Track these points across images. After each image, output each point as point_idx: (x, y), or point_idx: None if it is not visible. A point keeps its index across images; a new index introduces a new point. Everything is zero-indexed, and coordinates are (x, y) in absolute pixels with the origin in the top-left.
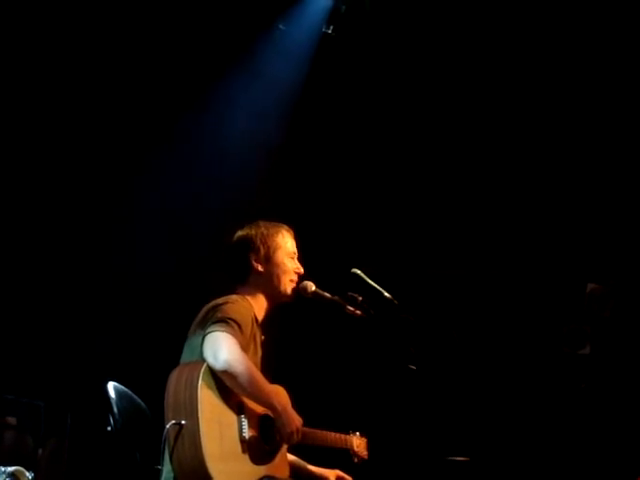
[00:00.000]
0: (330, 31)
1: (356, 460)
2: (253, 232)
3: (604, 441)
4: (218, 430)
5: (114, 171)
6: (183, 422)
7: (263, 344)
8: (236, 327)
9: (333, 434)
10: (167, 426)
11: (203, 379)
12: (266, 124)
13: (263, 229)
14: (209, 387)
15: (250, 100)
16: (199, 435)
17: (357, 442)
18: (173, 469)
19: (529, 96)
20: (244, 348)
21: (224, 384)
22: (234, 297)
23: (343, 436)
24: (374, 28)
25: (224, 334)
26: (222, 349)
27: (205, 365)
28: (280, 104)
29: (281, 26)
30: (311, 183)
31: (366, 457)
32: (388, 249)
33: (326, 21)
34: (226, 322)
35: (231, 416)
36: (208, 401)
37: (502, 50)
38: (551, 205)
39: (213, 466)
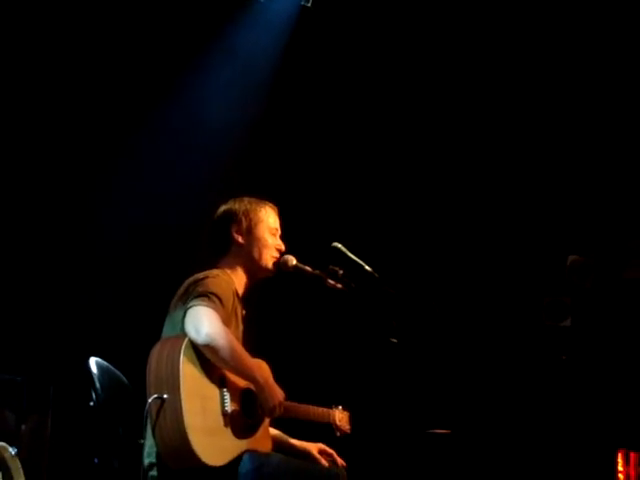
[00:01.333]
0: (309, 4)
1: (338, 434)
2: (236, 206)
3: (585, 413)
4: (200, 404)
5: (96, 144)
6: (165, 396)
7: (244, 319)
8: (217, 301)
9: (315, 408)
10: (149, 400)
11: (185, 353)
12: (245, 100)
13: (247, 203)
14: (191, 361)
15: (228, 76)
16: (181, 409)
17: (340, 416)
18: (156, 444)
19: (513, 85)
20: (225, 322)
21: (206, 358)
22: (215, 271)
23: (326, 410)
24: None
25: (205, 308)
26: (204, 323)
27: (187, 339)
28: (258, 79)
29: None
30: (291, 158)
31: (349, 431)
32: (369, 223)
33: None
34: (207, 296)
35: (213, 390)
36: (190, 375)
37: (494, 35)
38: (532, 177)
39: (195, 440)
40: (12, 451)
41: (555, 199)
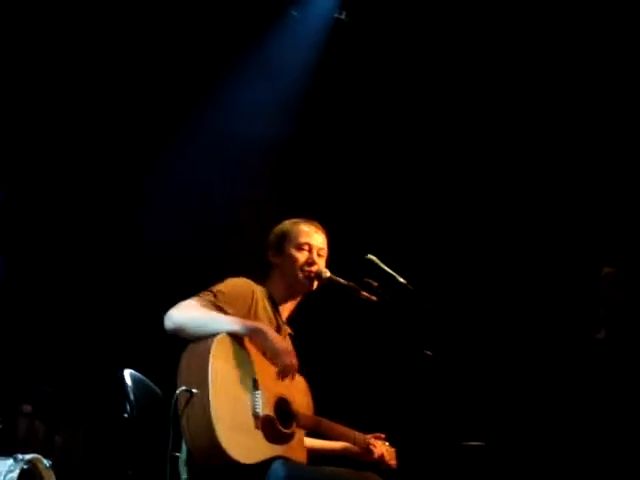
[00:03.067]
0: (343, 17)
1: (382, 467)
2: (275, 229)
3: (619, 425)
4: (229, 401)
5: (126, 163)
6: (194, 390)
7: (292, 338)
8: (206, 294)
9: (355, 432)
10: (177, 392)
11: (216, 350)
12: (278, 114)
13: (282, 224)
14: (222, 359)
15: (261, 90)
16: (209, 403)
17: (386, 449)
18: (183, 437)
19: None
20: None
21: (239, 359)
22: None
23: (365, 437)
24: (388, 13)
25: (185, 301)
26: (169, 312)
27: (218, 338)
28: (292, 93)
29: (294, 12)
30: (324, 172)
31: (395, 467)
32: (403, 235)
33: (339, 6)
34: (198, 294)
35: (244, 390)
36: (220, 372)
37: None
38: (568, 189)
39: (223, 434)
40: (47, 463)
41: (591, 211)
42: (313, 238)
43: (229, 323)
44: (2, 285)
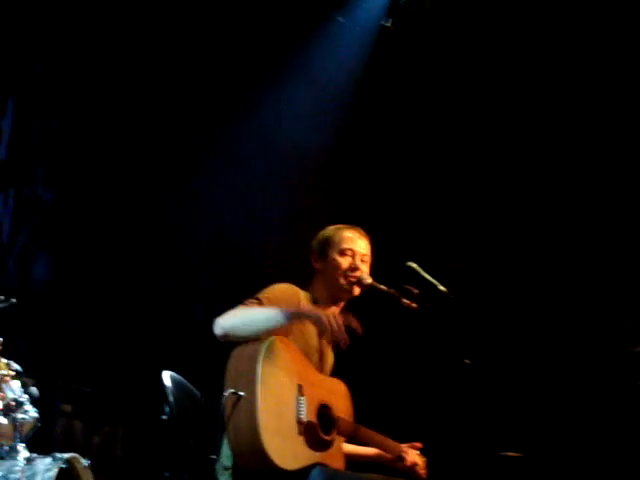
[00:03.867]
0: (389, 24)
1: (412, 477)
2: (318, 235)
3: None
4: (276, 406)
5: (172, 167)
6: (241, 394)
7: (334, 344)
8: (252, 301)
9: (390, 440)
10: (225, 394)
11: (265, 354)
12: (321, 121)
13: (325, 231)
14: (270, 363)
15: (305, 96)
16: (256, 407)
17: (418, 459)
18: (228, 440)
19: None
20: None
21: (286, 363)
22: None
23: (400, 446)
24: (434, 21)
25: (231, 310)
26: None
27: (267, 342)
28: (336, 100)
29: (340, 18)
30: (366, 178)
31: (425, 477)
32: (444, 244)
33: (385, 14)
34: (243, 302)
35: (290, 395)
36: (268, 376)
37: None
38: (612, 200)
39: (268, 439)
40: (85, 462)
41: (633, 222)
42: (356, 244)
43: (272, 315)
44: (46, 284)
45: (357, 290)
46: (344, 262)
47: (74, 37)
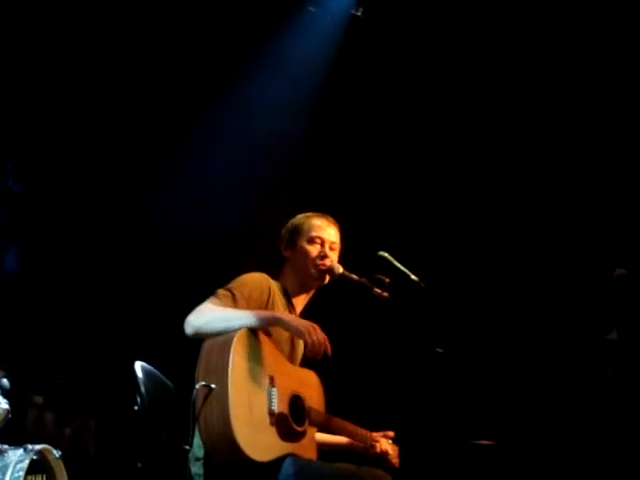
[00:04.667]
0: (360, 13)
1: (386, 466)
2: (288, 223)
3: (629, 426)
4: (247, 398)
5: (143, 157)
6: (213, 386)
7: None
8: (224, 293)
9: (362, 430)
10: (196, 387)
11: (236, 346)
12: (293, 110)
13: (295, 219)
14: (242, 355)
15: (277, 85)
16: (227, 399)
17: (391, 447)
18: (200, 432)
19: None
20: None
21: (257, 355)
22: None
23: (372, 435)
24: (404, 10)
25: (202, 304)
26: (188, 317)
27: (238, 334)
28: (307, 89)
29: (310, 8)
30: (338, 168)
31: (397, 465)
32: (415, 232)
33: (356, 3)
34: (214, 293)
35: (261, 387)
36: (239, 368)
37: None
38: (579, 188)
39: (240, 430)
40: (56, 454)
41: (604, 211)
42: (326, 232)
43: (247, 318)
44: (17, 276)
45: (326, 278)
46: (313, 250)
47: (45, 32)
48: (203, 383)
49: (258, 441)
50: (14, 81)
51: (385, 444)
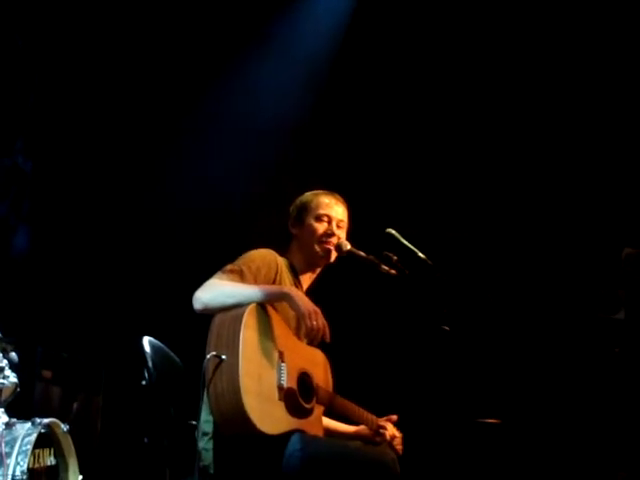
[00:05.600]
0: None
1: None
2: (296, 200)
3: (637, 407)
4: (257, 370)
5: (151, 138)
6: (223, 357)
7: None
8: (232, 269)
9: (368, 414)
10: (207, 357)
11: (248, 319)
12: (298, 90)
13: (303, 196)
14: (253, 328)
15: (282, 69)
16: (238, 369)
17: (394, 431)
18: (209, 402)
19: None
20: None
21: (268, 329)
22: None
23: (378, 420)
24: None
25: (210, 280)
26: (195, 294)
27: (250, 307)
28: (313, 72)
29: None
30: (344, 147)
31: (400, 452)
32: (423, 209)
33: None
34: (222, 269)
35: (271, 361)
36: (250, 341)
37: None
38: (587, 169)
39: (249, 401)
40: (64, 428)
41: (611, 191)
42: (333, 209)
43: (256, 292)
44: (26, 252)
45: (333, 256)
46: (320, 228)
47: (55, 11)
48: (214, 353)
49: (266, 413)
50: (24, 59)
51: (392, 429)
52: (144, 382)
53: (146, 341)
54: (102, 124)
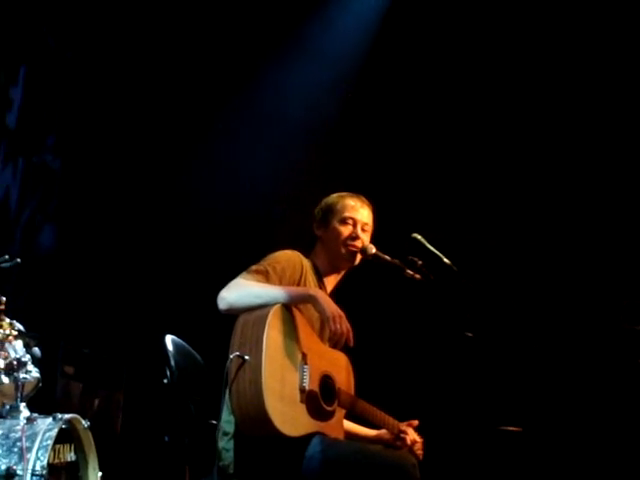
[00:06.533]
0: None
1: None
2: (322, 202)
3: None
4: (280, 372)
5: (179, 138)
6: (247, 357)
7: None
8: (257, 269)
9: (390, 418)
10: (230, 357)
11: (272, 319)
12: (326, 96)
13: (328, 198)
14: (277, 329)
15: (310, 71)
16: (261, 370)
17: (415, 436)
18: (231, 401)
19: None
20: None
21: (291, 330)
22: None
23: (399, 424)
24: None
25: (235, 280)
26: (221, 293)
27: (274, 308)
28: (341, 73)
29: None
30: (370, 151)
31: (421, 458)
32: (449, 215)
33: None
34: (247, 269)
35: (295, 363)
36: (274, 341)
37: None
38: (612, 178)
39: (271, 402)
40: (85, 424)
41: (634, 201)
42: (358, 212)
43: (281, 293)
44: (52, 249)
45: (357, 259)
46: (345, 230)
47: (86, 11)
48: (237, 354)
49: (288, 415)
50: (56, 59)
51: (413, 434)
52: (166, 380)
53: (169, 339)
54: (132, 124)
